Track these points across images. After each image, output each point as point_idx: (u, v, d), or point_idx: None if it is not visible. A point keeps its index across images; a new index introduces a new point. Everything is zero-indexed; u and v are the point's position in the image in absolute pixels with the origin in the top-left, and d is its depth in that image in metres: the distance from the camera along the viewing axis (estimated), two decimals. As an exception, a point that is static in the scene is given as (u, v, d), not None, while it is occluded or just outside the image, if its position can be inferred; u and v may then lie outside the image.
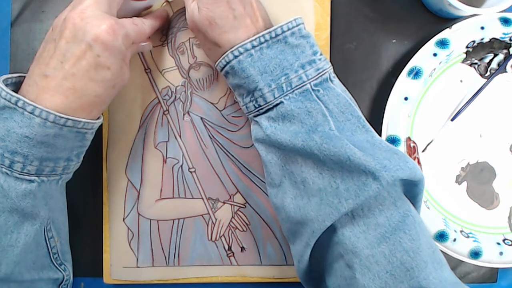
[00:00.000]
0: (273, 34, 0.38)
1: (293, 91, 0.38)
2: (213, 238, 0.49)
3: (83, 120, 0.38)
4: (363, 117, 0.39)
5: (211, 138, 0.48)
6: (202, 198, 0.48)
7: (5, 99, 0.36)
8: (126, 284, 0.49)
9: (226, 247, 0.49)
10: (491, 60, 0.49)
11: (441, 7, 0.46)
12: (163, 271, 0.49)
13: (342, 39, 0.49)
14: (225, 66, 0.39)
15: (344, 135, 0.37)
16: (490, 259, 0.47)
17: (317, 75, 0.39)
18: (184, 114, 0.48)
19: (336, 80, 0.40)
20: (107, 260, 0.49)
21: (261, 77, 0.38)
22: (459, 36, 0.46)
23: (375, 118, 0.49)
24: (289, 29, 0.39)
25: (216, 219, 0.48)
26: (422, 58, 0.46)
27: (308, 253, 0.38)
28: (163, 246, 0.48)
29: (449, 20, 0.49)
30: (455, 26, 0.46)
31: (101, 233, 0.49)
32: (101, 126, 0.48)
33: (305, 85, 0.38)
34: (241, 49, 0.38)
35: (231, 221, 0.49)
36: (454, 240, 0.47)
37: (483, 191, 0.49)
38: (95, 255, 0.49)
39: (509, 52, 0.48)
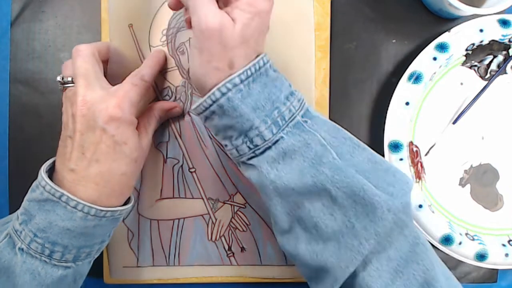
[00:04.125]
0: (257, 66, 0.35)
1: (287, 124, 0.36)
2: (213, 238, 0.49)
3: (119, 208, 0.39)
4: (354, 137, 0.37)
5: (211, 138, 0.48)
6: (202, 198, 0.48)
7: (49, 192, 0.37)
8: (126, 284, 0.49)
9: (226, 247, 0.49)
10: (490, 62, 0.49)
11: (441, 7, 0.46)
12: (164, 271, 0.49)
13: (342, 39, 0.49)
14: (210, 105, 0.35)
15: (345, 160, 0.35)
16: (496, 261, 0.47)
17: (300, 105, 0.37)
18: (184, 114, 0.48)
19: (312, 108, 0.38)
20: (107, 260, 0.49)
21: (255, 114, 0.35)
22: (458, 39, 0.46)
23: (377, 122, 0.49)
24: (268, 61, 0.36)
25: (216, 219, 0.48)
26: (422, 62, 0.46)
27: None
28: (163, 246, 0.48)
29: (449, 20, 0.49)
30: (454, 30, 0.46)
31: (101, 233, 0.49)
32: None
33: (296, 117, 0.36)
34: (229, 85, 0.34)
35: (231, 221, 0.48)
36: (460, 243, 0.47)
37: (487, 193, 0.49)
38: (97, 257, 0.49)
39: (508, 53, 0.48)
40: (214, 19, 0.33)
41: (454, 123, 0.48)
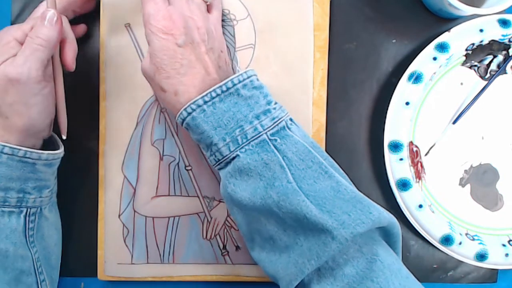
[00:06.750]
0: (224, 88, 0.38)
1: (249, 142, 0.37)
2: (208, 237, 0.48)
3: (23, 148, 0.38)
4: (325, 163, 0.37)
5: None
6: (198, 196, 0.48)
7: None
8: (121, 281, 0.49)
9: (221, 246, 0.48)
10: (490, 62, 0.48)
11: (441, 7, 0.46)
12: (158, 268, 0.48)
13: (342, 39, 0.49)
14: (182, 123, 0.39)
15: (306, 184, 0.36)
16: (496, 261, 0.47)
17: (273, 124, 0.38)
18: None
19: (294, 127, 0.39)
20: (101, 257, 0.48)
21: (215, 132, 0.38)
22: (458, 39, 0.46)
23: (377, 122, 0.48)
24: (240, 82, 0.38)
25: (211, 218, 0.48)
26: (422, 62, 0.46)
27: None
28: (158, 243, 0.48)
29: (449, 20, 0.49)
30: (454, 30, 0.46)
31: (99, 231, 0.48)
32: (98, 123, 0.48)
33: (261, 135, 0.37)
34: (193, 106, 0.38)
35: (226, 219, 0.48)
36: (460, 243, 0.47)
37: (487, 193, 0.49)
38: (95, 255, 0.49)
39: (508, 53, 0.48)
40: (143, 62, 0.40)
41: (454, 123, 0.48)
